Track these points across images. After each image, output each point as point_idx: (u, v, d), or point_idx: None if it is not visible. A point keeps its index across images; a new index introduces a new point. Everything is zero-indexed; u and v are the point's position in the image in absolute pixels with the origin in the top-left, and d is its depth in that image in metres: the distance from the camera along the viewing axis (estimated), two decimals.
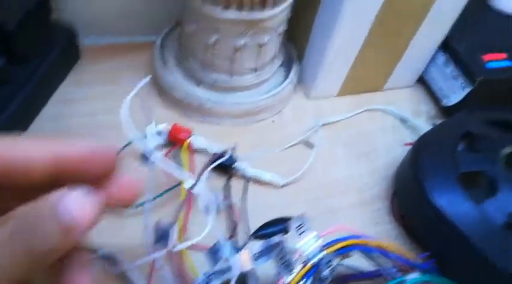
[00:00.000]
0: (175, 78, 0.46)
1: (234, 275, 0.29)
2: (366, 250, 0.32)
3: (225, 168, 0.39)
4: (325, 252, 0.30)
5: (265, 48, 0.43)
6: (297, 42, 0.51)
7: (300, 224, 0.30)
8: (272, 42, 0.43)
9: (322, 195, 0.42)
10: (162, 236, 0.28)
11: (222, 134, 0.44)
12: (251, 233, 0.37)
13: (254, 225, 0.38)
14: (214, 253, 0.29)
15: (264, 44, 0.42)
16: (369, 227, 0.40)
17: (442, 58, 0.51)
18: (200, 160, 0.41)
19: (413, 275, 0.31)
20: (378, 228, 0.40)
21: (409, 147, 0.46)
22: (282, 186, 0.41)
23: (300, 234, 0.30)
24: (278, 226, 0.38)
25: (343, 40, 0.44)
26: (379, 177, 0.44)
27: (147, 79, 0.35)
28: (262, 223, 0.38)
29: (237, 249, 0.30)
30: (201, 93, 0.45)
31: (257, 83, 0.46)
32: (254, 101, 0.45)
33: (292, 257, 0.29)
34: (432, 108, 0.52)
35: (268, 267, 0.30)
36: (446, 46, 0.50)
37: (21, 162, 0.19)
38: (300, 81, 0.51)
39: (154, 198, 0.36)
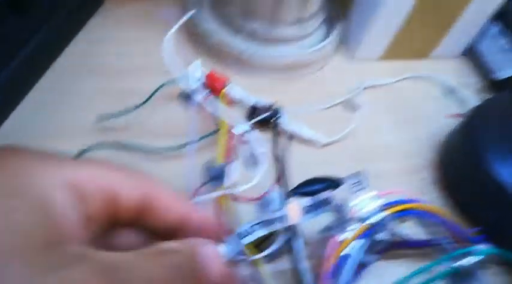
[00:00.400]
0: (212, 25, 0.42)
1: (281, 227, 0.26)
2: (425, 216, 0.29)
3: (266, 121, 0.36)
4: (385, 213, 0.27)
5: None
6: None
7: (357, 182, 0.27)
8: None
9: (364, 159, 0.39)
10: (216, 176, 0.25)
11: (259, 87, 0.41)
12: (290, 189, 0.34)
13: (293, 183, 0.35)
14: (266, 203, 0.26)
15: None
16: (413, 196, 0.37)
17: (495, 29, 0.47)
18: (237, 111, 0.38)
19: (481, 247, 0.28)
20: (422, 198, 0.37)
21: (453, 118, 0.44)
22: (323, 146, 0.38)
23: (356, 192, 0.27)
24: (320, 184, 0.35)
25: None
26: (422, 146, 0.41)
27: (190, 14, 0.31)
28: (301, 181, 0.35)
29: (286, 202, 0.27)
30: (239, 43, 0.41)
31: (299, 36, 0.42)
32: (295, 54, 0.41)
33: (347, 215, 0.27)
34: (479, 81, 0.49)
35: (312, 223, 0.27)
36: (501, 16, 0.46)
37: (120, 195, 0.19)
38: (343, 40, 0.47)
39: (200, 139, 0.33)
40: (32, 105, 0.36)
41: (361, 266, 0.30)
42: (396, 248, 0.33)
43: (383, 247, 0.28)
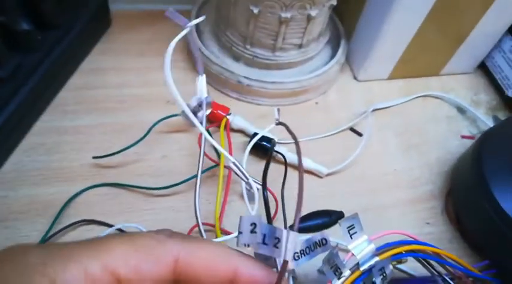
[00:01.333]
0: (211, 52, 0.42)
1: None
2: (422, 257, 0.28)
3: (264, 151, 0.36)
4: (377, 258, 0.26)
5: (313, 22, 0.38)
6: (345, 18, 0.46)
7: (351, 225, 0.26)
8: (320, 17, 0.39)
9: (369, 188, 0.37)
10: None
11: (260, 114, 0.40)
12: (289, 225, 0.34)
13: (292, 217, 0.34)
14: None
15: (311, 18, 0.37)
16: (419, 227, 0.36)
17: (509, 43, 0.45)
18: (237, 141, 0.38)
19: None
20: (430, 229, 0.36)
21: (466, 140, 0.42)
22: (326, 175, 0.37)
23: (351, 236, 0.26)
24: (319, 219, 0.34)
25: (401, 16, 0.39)
26: (432, 172, 0.39)
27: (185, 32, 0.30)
28: (302, 215, 0.34)
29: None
30: (239, 69, 0.41)
31: (301, 61, 0.42)
32: (297, 80, 0.40)
33: (341, 260, 0.26)
34: (493, 99, 0.47)
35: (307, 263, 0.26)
36: None
37: (209, 278, 0.18)
38: (348, 61, 0.46)
39: (203, 172, 0.33)
40: (30, 147, 0.36)
41: None
42: None
43: None
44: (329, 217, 0.35)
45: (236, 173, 0.31)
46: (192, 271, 0.17)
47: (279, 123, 0.30)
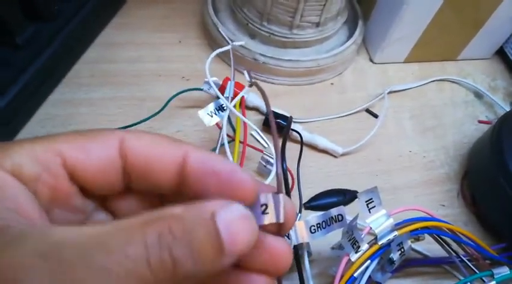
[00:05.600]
0: (228, 29, 0.41)
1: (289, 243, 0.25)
2: (440, 235, 0.28)
3: (279, 129, 0.35)
4: (396, 233, 0.26)
5: (331, 0, 0.38)
6: None
7: (370, 199, 0.26)
8: None
9: (384, 169, 0.37)
10: None
11: (275, 93, 0.40)
12: (304, 202, 0.33)
13: (306, 194, 0.34)
14: None
15: None
16: (434, 209, 0.35)
17: None
18: (251, 119, 0.38)
19: (503, 270, 0.27)
20: (445, 211, 0.36)
21: (482, 125, 0.41)
22: (341, 155, 0.37)
23: (370, 210, 0.26)
24: (334, 197, 0.34)
25: None
26: (448, 155, 0.39)
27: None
28: (316, 193, 0.34)
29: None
30: (255, 46, 0.40)
31: (318, 40, 0.41)
32: (314, 59, 0.40)
33: (360, 233, 0.25)
34: (511, 85, 0.46)
35: (322, 240, 0.26)
36: None
37: (158, 162, 0.17)
38: (365, 43, 0.46)
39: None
40: (45, 117, 0.36)
41: None
42: (410, 266, 0.31)
43: (396, 265, 0.27)
44: (343, 196, 0.35)
45: (257, 139, 0.31)
46: (138, 153, 0.17)
47: (252, 84, 0.30)
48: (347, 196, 0.35)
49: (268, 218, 0.16)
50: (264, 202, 0.17)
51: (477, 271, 0.28)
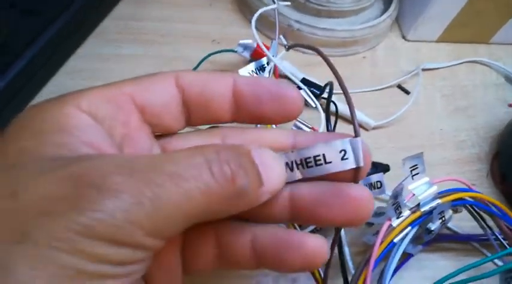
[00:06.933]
0: None
1: None
2: (480, 207, 0.27)
3: (316, 97, 0.35)
4: (439, 201, 0.25)
5: None
6: None
7: (415, 165, 0.25)
8: None
9: (415, 144, 0.36)
10: None
11: (307, 63, 0.39)
12: None
13: None
14: None
15: None
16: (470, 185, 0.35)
17: None
18: None
19: None
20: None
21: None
22: (373, 129, 0.36)
23: (413, 176, 0.25)
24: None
25: None
26: (479, 136, 0.38)
27: None
28: None
29: None
30: (289, 13, 0.39)
31: (353, 11, 0.40)
32: (348, 29, 0.39)
33: (403, 199, 0.25)
34: None
35: None
36: None
37: (212, 89, 0.18)
38: (398, 19, 0.45)
39: None
40: (74, 70, 0.35)
41: (404, 256, 0.29)
42: (443, 240, 0.31)
43: (430, 238, 0.26)
44: (375, 169, 0.34)
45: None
46: (194, 85, 0.18)
47: (290, 47, 0.30)
48: (378, 169, 0.34)
49: (349, 164, 0.16)
50: (342, 148, 0.16)
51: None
